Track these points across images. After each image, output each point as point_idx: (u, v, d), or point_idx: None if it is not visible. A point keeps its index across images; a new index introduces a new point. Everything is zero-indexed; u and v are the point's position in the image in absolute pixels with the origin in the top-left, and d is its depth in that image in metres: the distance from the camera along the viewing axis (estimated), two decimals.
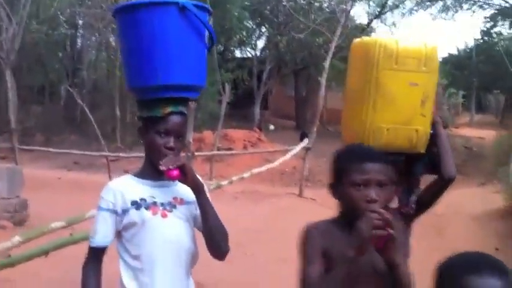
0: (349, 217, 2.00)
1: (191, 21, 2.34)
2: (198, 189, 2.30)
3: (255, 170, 9.52)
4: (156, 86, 2.31)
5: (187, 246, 2.35)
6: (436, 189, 2.60)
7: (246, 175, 9.02)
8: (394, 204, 2.57)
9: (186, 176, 2.22)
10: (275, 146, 16.93)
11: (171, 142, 2.28)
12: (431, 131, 2.58)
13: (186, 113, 2.37)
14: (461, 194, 10.28)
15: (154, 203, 2.31)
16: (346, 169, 2.04)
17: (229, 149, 15.06)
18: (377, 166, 2.01)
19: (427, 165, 2.65)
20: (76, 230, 5.39)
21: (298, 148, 11.60)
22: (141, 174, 2.39)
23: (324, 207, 6.93)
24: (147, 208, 2.29)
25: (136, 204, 2.29)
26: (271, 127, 23.90)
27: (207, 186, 2.43)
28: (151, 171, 2.35)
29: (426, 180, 2.70)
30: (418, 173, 2.67)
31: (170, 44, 2.31)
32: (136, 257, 2.30)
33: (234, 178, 8.69)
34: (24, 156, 14.81)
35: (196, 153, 13.44)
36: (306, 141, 11.89)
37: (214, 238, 2.33)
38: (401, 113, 2.48)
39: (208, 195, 2.35)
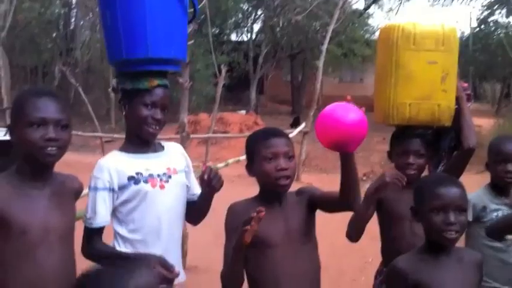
0: (265, 193, 2.25)
1: None
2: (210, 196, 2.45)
3: None
4: (145, 59, 2.33)
5: (182, 212, 2.48)
6: (458, 160, 2.76)
7: (242, 158, 8.92)
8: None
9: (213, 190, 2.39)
10: None
11: (159, 114, 2.35)
12: (456, 106, 2.73)
13: (168, 86, 2.43)
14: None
15: (151, 175, 2.34)
16: (256, 148, 2.23)
17: (225, 132, 14.93)
18: (282, 140, 2.23)
19: (454, 139, 2.79)
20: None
21: (295, 132, 11.49)
22: (129, 148, 2.41)
23: None
24: (145, 181, 2.32)
25: (134, 179, 2.31)
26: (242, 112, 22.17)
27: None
28: (137, 143, 2.40)
29: None
30: (446, 146, 2.83)
31: (160, 18, 2.33)
32: (135, 230, 2.33)
33: (230, 161, 8.58)
34: None
35: (192, 136, 13.32)
36: (303, 125, 11.78)
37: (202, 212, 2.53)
38: (422, 89, 2.67)
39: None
